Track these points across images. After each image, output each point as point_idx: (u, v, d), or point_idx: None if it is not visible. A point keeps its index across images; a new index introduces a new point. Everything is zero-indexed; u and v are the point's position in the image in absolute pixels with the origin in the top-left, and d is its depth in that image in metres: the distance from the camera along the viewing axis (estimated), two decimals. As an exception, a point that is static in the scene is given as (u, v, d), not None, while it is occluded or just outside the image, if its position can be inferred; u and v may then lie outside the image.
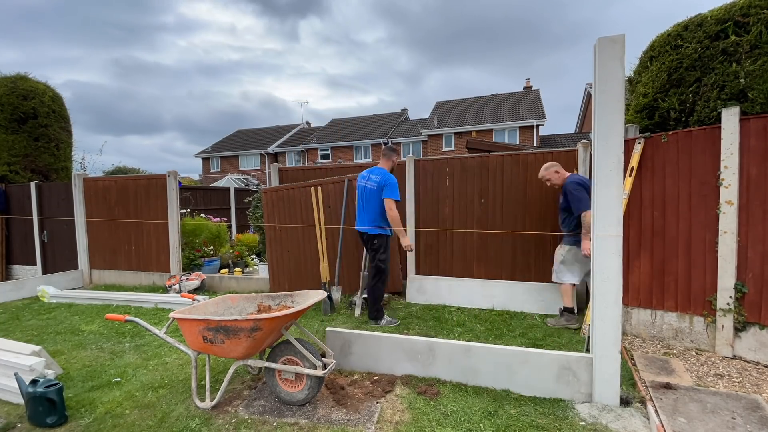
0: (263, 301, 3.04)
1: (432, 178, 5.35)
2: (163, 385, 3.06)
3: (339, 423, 2.48)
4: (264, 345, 2.66)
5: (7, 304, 5.77)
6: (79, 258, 7.00)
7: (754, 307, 3.23)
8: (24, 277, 7.73)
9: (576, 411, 2.56)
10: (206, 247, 7.13)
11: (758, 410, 2.52)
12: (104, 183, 6.92)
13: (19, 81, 8.27)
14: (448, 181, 5.27)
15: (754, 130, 3.21)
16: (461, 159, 5.23)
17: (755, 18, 3.34)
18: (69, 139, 9.07)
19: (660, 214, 3.70)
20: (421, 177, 5.40)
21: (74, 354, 3.72)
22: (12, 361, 2.97)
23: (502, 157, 5.02)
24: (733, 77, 3.42)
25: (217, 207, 9.64)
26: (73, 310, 5.32)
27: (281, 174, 6.14)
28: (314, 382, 2.63)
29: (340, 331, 3.26)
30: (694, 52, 3.65)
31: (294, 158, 32.91)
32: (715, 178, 3.38)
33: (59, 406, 2.54)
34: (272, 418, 2.56)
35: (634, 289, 3.87)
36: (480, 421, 2.45)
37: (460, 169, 5.21)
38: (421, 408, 2.61)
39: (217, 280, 6.28)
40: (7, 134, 7.96)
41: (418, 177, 5.40)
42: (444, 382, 2.95)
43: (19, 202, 7.69)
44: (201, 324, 2.53)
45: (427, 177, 5.37)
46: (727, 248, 3.30)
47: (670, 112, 3.87)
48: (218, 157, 34.67)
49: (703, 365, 3.23)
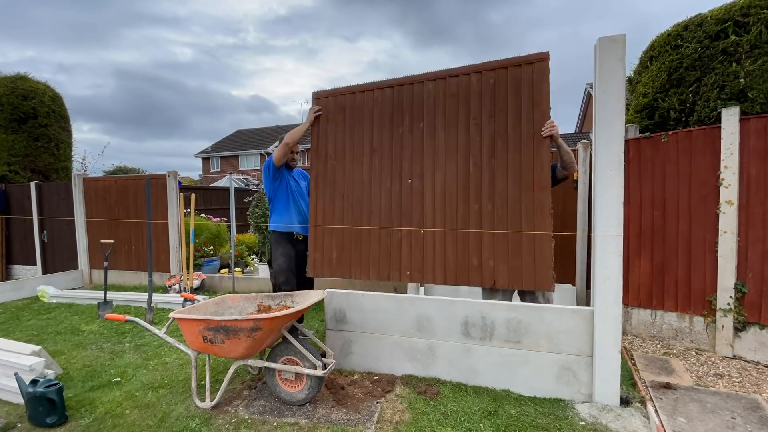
0: (263, 301, 3.04)
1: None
2: (163, 385, 3.06)
3: (339, 423, 2.48)
4: (264, 345, 2.66)
5: (7, 304, 5.77)
6: (79, 258, 7.01)
7: (754, 307, 3.23)
8: (24, 277, 7.73)
9: (576, 411, 2.56)
10: (206, 247, 7.13)
11: (758, 410, 2.52)
12: (104, 183, 6.93)
13: (19, 81, 8.28)
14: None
15: (754, 130, 3.21)
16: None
17: (755, 18, 3.34)
18: (69, 139, 9.07)
19: (660, 214, 3.70)
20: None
21: (74, 354, 3.72)
22: (12, 361, 2.97)
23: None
24: (733, 77, 3.43)
25: (217, 207, 9.64)
26: (73, 310, 5.32)
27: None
28: (314, 382, 2.63)
29: (340, 331, 3.26)
30: (694, 52, 3.66)
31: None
32: (715, 178, 3.38)
33: (59, 406, 2.54)
34: (272, 418, 2.56)
35: (634, 289, 3.87)
36: (480, 421, 2.45)
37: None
38: (421, 408, 2.61)
39: (217, 280, 6.28)
40: (7, 134, 7.97)
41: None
42: (444, 382, 2.95)
43: (19, 202, 7.69)
44: (201, 324, 2.53)
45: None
46: (727, 248, 3.30)
47: (670, 112, 3.87)
48: (218, 157, 34.70)
49: (703, 365, 3.23)
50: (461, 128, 3.10)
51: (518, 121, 2.91)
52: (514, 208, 2.91)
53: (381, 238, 3.34)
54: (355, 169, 3.45)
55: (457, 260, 3.07)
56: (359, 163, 3.43)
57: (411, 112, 3.27)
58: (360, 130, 3.44)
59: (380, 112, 3.37)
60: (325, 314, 3.32)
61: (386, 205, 3.33)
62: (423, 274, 3.18)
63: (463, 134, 3.09)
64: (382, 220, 3.34)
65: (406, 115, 3.28)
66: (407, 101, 3.28)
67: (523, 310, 2.80)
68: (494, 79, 2.98)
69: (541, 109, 2.84)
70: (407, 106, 3.28)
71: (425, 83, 3.22)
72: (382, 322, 3.15)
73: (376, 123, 3.39)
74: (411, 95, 3.27)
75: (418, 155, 3.23)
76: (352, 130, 3.47)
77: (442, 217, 3.14)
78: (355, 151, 3.45)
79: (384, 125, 3.36)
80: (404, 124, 3.28)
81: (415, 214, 3.23)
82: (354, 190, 3.44)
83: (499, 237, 2.94)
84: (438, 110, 3.18)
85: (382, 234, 3.33)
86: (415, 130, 3.25)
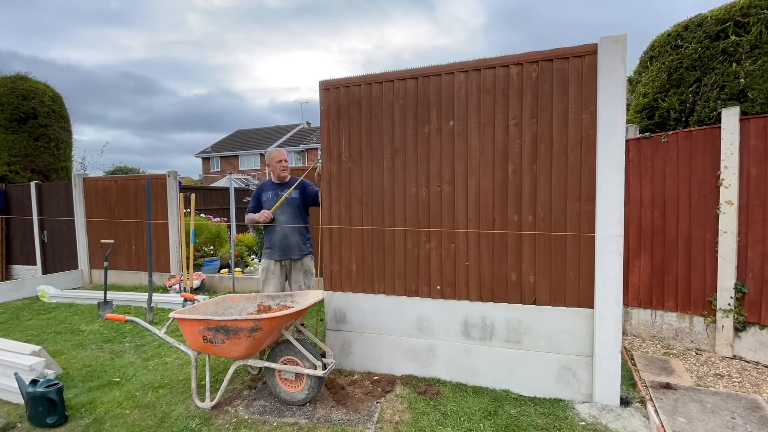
0: (263, 301, 3.04)
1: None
2: (163, 385, 3.06)
3: (339, 423, 2.48)
4: (264, 345, 2.66)
5: (7, 304, 5.77)
6: (79, 258, 7.01)
7: (754, 307, 3.23)
8: (24, 277, 7.73)
9: (576, 411, 2.56)
10: (206, 247, 7.13)
11: (758, 410, 2.52)
12: (104, 183, 6.93)
13: (19, 81, 8.28)
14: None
15: (754, 130, 3.21)
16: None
17: (755, 18, 3.34)
18: (69, 138, 9.07)
19: (660, 214, 3.70)
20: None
21: (74, 354, 3.72)
22: (12, 361, 2.97)
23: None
24: (733, 77, 3.43)
25: (217, 207, 9.65)
26: (73, 310, 5.32)
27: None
28: (314, 382, 2.63)
29: (340, 331, 3.26)
30: (694, 52, 3.66)
31: (294, 158, 32.93)
32: (715, 178, 3.38)
33: (59, 406, 2.54)
34: (272, 418, 2.56)
35: (634, 289, 3.87)
36: (480, 421, 2.45)
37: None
38: (421, 408, 2.61)
39: (217, 280, 6.28)
40: (7, 134, 7.97)
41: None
42: (444, 382, 2.95)
43: (19, 202, 7.69)
44: (201, 324, 2.53)
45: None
46: (727, 248, 3.30)
47: (670, 112, 3.87)
48: (218, 157, 34.70)
49: (703, 365, 3.23)
50: (498, 128, 2.80)
51: (564, 122, 2.65)
52: (558, 220, 2.70)
53: (407, 250, 3.08)
54: (374, 171, 3.13)
55: (494, 275, 2.86)
56: (379, 166, 3.11)
57: (439, 108, 2.93)
58: (378, 127, 3.09)
59: (402, 107, 3.02)
60: (325, 314, 3.32)
61: (412, 214, 3.04)
62: (455, 289, 2.96)
63: (501, 135, 2.80)
64: (407, 230, 3.07)
65: (433, 111, 2.94)
66: (434, 95, 2.93)
67: (523, 311, 2.80)
68: (537, 73, 2.69)
69: (590, 110, 2.59)
70: (434, 100, 2.93)
71: (455, 74, 2.87)
72: (382, 322, 3.15)
73: (397, 119, 3.04)
74: (438, 88, 2.92)
75: (448, 158, 2.93)
76: (369, 126, 3.11)
77: (476, 227, 2.89)
78: (373, 151, 3.12)
79: (407, 122, 3.01)
80: (431, 122, 2.95)
81: (446, 224, 2.96)
82: (374, 195, 3.13)
83: (541, 250, 2.74)
84: (471, 107, 2.85)
85: (408, 245, 3.07)
86: (444, 128, 2.92)
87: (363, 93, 3.13)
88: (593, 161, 2.60)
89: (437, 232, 3.01)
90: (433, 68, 2.94)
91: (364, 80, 3.12)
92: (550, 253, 2.74)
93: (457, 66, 2.88)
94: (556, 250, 2.72)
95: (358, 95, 3.15)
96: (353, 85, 3.16)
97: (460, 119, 2.90)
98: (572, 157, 2.66)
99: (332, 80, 3.22)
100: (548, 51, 2.68)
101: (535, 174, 2.74)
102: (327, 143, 3.25)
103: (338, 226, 3.28)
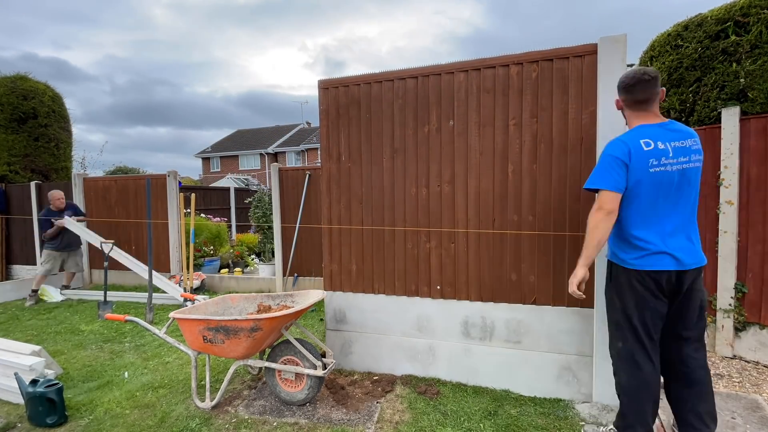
0: (263, 301, 3.04)
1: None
2: (163, 385, 3.06)
3: (339, 423, 2.48)
4: (264, 345, 2.66)
5: (7, 304, 5.77)
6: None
7: (754, 307, 3.23)
8: (24, 277, 7.72)
9: (576, 411, 2.56)
10: (206, 247, 7.13)
11: (758, 410, 2.52)
12: (104, 183, 6.93)
13: (19, 81, 8.27)
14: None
15: (754, 130, 3.21)
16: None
17: (755, 18, 3.34)
18: (69, 138, 9.06)
19: (660, 214, 3.69)
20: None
21: (74, 354, 3.72)
22: (12, 361, 2.97)
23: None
24: (733, 77, 3.43)
25: (217, 207, 9.65)
26: (73, 310, 5.32)
27: (281, 174, 6.14)
28: (314, 382, 2.63)
29: (340, 331, 3.26)
30: (694, 52, 3.65)
31: (294, 158, 32.94)
32: (715, 178, 3.38)
33: (59, 406, 2.54)
34: (272, 418, 2.56)
35: (634, 289, 3.86)
36: (480, 421, 2.46)
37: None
38: (421, 408, 2.62)
39: (217, 280, 6.28)
40: (7, 134, 7.96)
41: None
42: (444, 382, 2.95)
43: (19, 202, 7.69)
44: (201, 324, 2.53)
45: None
46: (727, 248, 3.30)
47: (670, 111, 3.87)
48: (218, 157, 34.71)
49: (703, 365, 3.23)
50: (498, 128, 2.79)
51: (564, 122, 2.65)
52: (559, 220, 2.70)
53: (407, 250, 3.08)
54: (374, 171, 3.12)
55: (494, 274, 2.86)
56: (378, 165, 3.11)
57: (439, 108, 2.93)
58: (378, 127, 3.09)
59: (402, 107, 3.02)
60: (325, 314, 3.32)
61: (411, 213, 3.05)
62: (455, 289, 2.96)
63: (501, 135, 2.79)
64: (407, 230, 3.06)
65: (433, 111, 2.94)
66: (434, 94, 2.93)
67: (524, 311, 2.80)
68: (537, 73, 2.68)
69: (589, 110, 2.58)
70: (434, 100, 2.93)
71: (455, 74, 2.86)
72: (382, 322, 3.15)
73: (397, 119, 3.03)
74: (438, 87, 2.91)
75: (447, 158, 2.93)
76: (369, 126, 3.11)
77: (476, 227, 2.89)
78: (373, 151, 3.12)
79: (407, 122, 3.01)
80: (431, 122, 2.95)
81: (446, 224, 2.96)
82: (373, 195, 3.13)
83: (541, 250, 2.74)
84: (471, 106, 2.84)
85: (408, 245, 3.07)
86: (444, 128, 2.92)
87: (362, 92, 3.12)
88: (593, 161, 2.58)
89: (437, 231, 3.00)
90: (433, 68, 2.94)
91: (364, 80, 3.11)
92: (551, 253, 2.73)
93: (457, 65, 2.87)
94: (556, 250, 2.72)
95: (357, 95, 3.14)
96: (353, 85, 3.15)
97: (459, 119, 2.89)
98: (572, 157, 2.65)
99: (332, 80, 3.21)
100: (548, 51, 2.67)
101: (535, 174, 2.74)
102: (326, 143, 3.25)
103: (338, 226, 3.26)
